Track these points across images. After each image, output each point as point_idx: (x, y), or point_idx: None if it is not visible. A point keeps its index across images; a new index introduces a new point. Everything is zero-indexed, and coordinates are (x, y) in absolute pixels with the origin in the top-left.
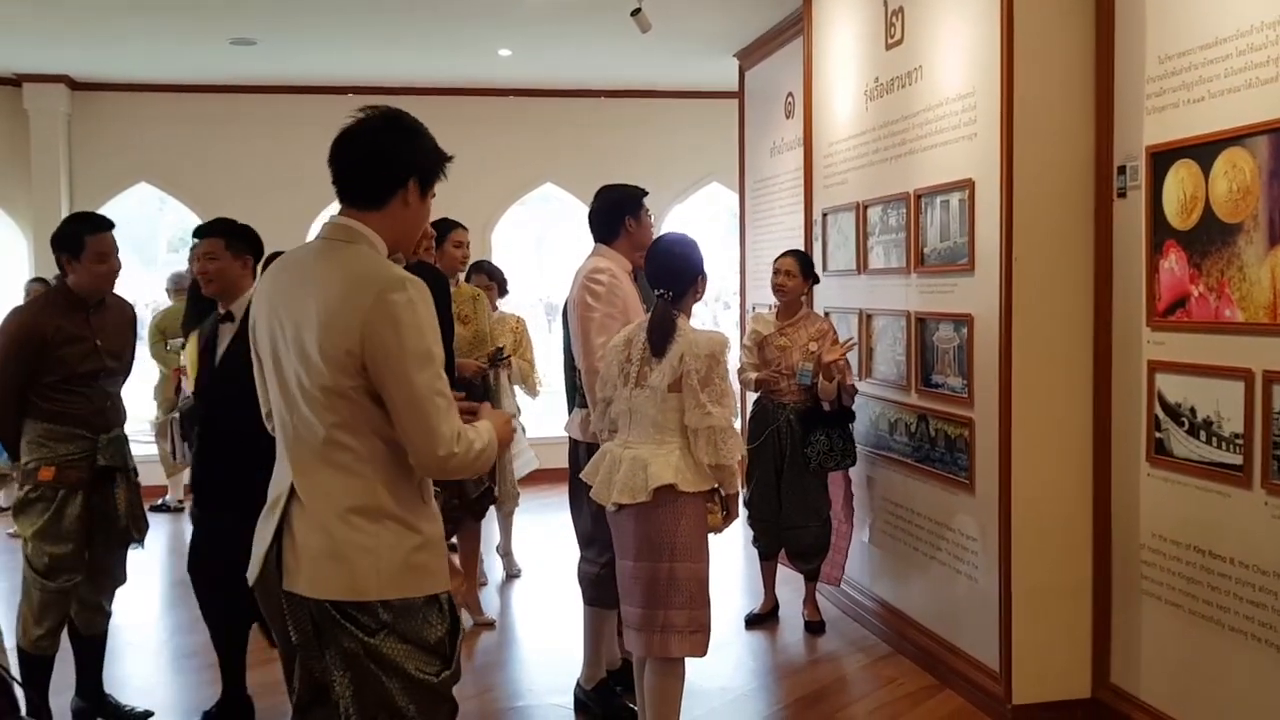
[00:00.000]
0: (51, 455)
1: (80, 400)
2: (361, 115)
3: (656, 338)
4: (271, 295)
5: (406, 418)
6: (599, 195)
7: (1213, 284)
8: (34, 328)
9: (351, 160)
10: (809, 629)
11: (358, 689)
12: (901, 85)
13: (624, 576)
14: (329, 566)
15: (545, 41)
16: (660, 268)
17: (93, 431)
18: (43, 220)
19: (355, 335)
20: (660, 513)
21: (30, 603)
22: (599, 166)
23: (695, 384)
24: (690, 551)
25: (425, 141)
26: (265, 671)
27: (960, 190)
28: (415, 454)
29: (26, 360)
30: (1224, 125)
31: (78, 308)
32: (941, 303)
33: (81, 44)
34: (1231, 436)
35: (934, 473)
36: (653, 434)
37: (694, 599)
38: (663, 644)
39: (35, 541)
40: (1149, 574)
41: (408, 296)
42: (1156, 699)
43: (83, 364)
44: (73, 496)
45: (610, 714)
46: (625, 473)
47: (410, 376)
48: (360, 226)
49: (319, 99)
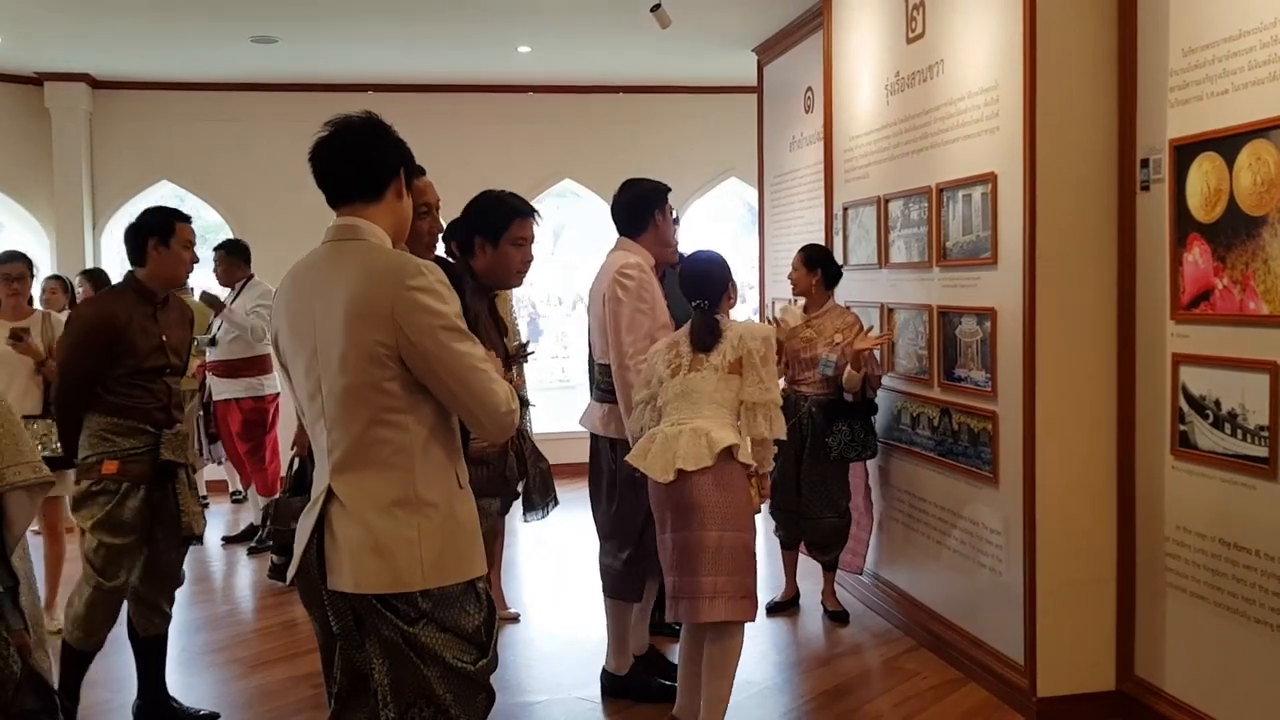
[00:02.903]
0: (115, 449)
1: (145, 395)
2: (333, 124)
3: (704, 340)
4: (290, 304)
5: (460, 391)
6: (625, 188)
7: (1237, 277)
8: (109, 317)
9: (341, 160)
10: (832, 618)
11: (396, 677)
12: (923, 79)
13: (675, 548)
14: (372, 560)
15: (564, 38)
16: (696, 282)
17: (155, 427)
18: (64, 219)
19: (387, 327)
20: (717, 480)
21: (82, 598)
22: (617, 162)
23: (757, 362)
24: (740, 521)
25: (397, 137)
26: (296, 665)
27: (983, 184)
28: (478, 422)
29: (100, 350)
30: (1248, 118)
31: (147, 301)
32: (964, 296)
33: (102, 43)
34: (1256, 429)
35: (957, 466)
36: (706, 409)
37: (742, 566)
38: (712, 609)
39: (94, 533)
40: (1173, 566)
41: (427, 280)
42: (1181, 691)
43: (150, 358)
44: (134, 491)
45: (646, 696)
46: (687, 442)
47: (452, 351)
48: (363, 222)
49: (340, 96)
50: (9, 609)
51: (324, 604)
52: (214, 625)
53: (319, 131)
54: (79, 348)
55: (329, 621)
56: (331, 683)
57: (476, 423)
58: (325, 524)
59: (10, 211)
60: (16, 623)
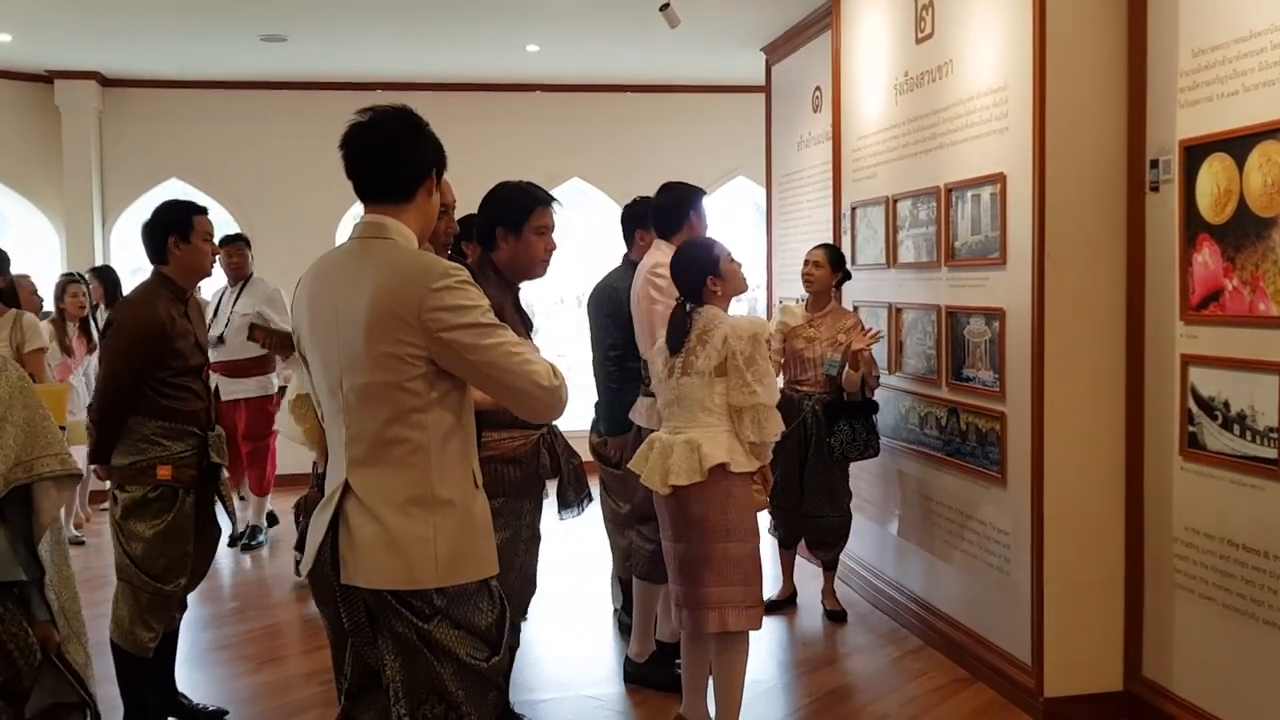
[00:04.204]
0: (166, 454)
1: (191, 396)
2: (369, 113)
3: (672, 341)
4: (313, 298)
5: (501, 377)
6: (664, 190)
7: (1247, 278)
8: (156, 319)
9: (376, 158)
10: (831, 618)
11: (409, 674)
12: (932, 79)
13: (678, 558)
14: (386, 557)
15: (573, 37)
16: (675, 276)
17: (201, 428)
18: (74, 216)
19: (413, 329)
20: (713, 493)
21: (138, 605)
22: (626, 161)
23: (740, 364)
24: (743, 531)
25: (432, 134)
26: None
27: (992, 184)
28: (524, 408)
29: (149, 353)
30: (1258, 119)
31: (180, 299)
32: (973, 297)
33: (112, 41)
34: (1266, 430)
35: (965, 466)
36: (700, 417)
37: (748, 575)
38: (720, 620)
39: (155, 543)
40: (1182, 567)
41: (452, 280)
42: (1189, 692)
43: (193, 356)
44: (187, 495)
45: (665, 684)
46: (679, 456)
47: (485, 346)
48: (392, 222)
49: (349, 95)
50: (35, 600)
51: (336, 602)
52: (221, 622)
53: (354, 118)
54: (131, 355)
55: (340, 617)
56: (342, 679)
57: (524, 407)
58: (341, 519)
59: (20, 209)
60: (42, 614)
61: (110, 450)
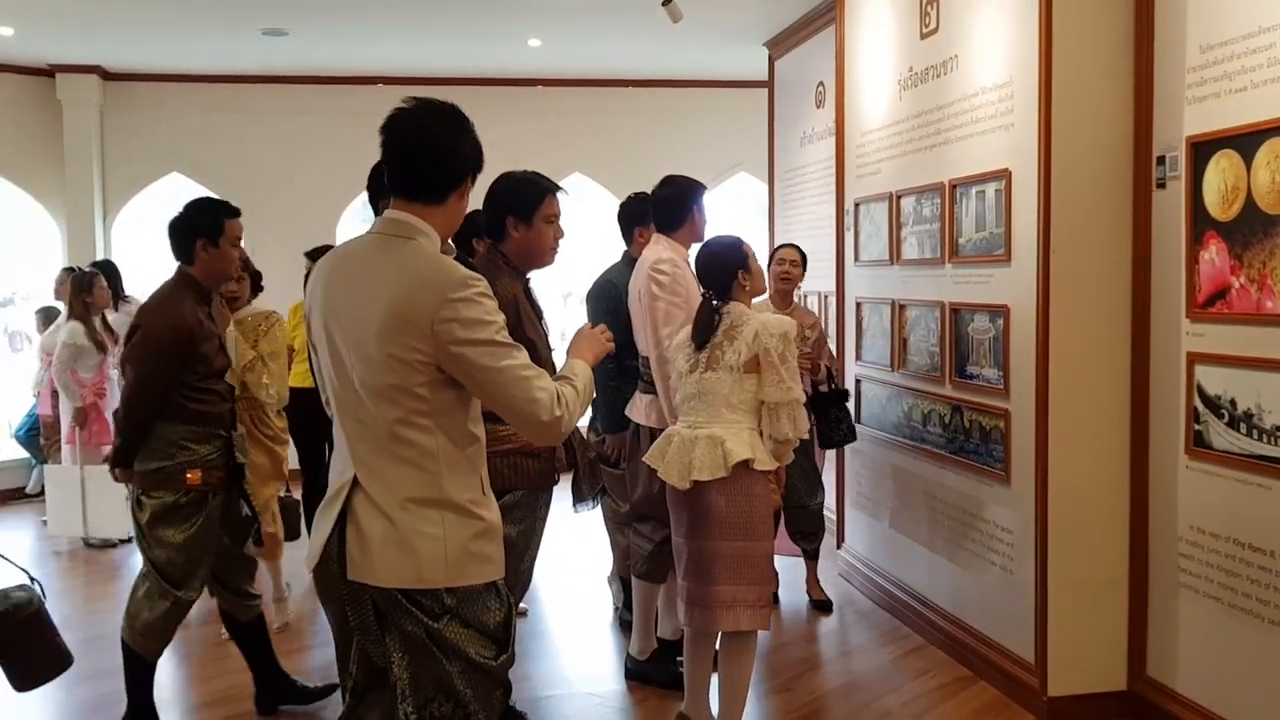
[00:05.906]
0: (195, 458)
1: (217, 399)
2: (416, 104)
3: (702, 334)
4: (328, 289)
5: (503, 403)
6: (666, 184)
7: (1254, 275)
8: (184, 323)
9: (415, 157)
10: (818, 607)
11: (416, 672)
12: (936, 75)
13: (690, 554)
14: (395, 555)
15: (575, 32)
16: (703, 271)
17: (225, 429)
18: (75, 210)
19: (425, 336)
20: (736, 489)
21: (156, 610)
22: (627, 157)
23: (775, 360)
24: (762, 530)
25: (474, 135)
26: (309, 657)
27: (996, 180)
28: (525, 431)
29: (177, 357)
30: (1267, 115)
31: (204, 300)
32: (977, 293)
33: (114, 34)
34: (1272, 429)
35: (968, 464)
36: (723, 413)
37: (763, 575)
38: (733, 618)
39: (183, 549)
40: (1186, 566)
41: (470, 292)
42: (1193, 692)
43: (217, 359)
44: (214, 499)
45: (667, 681)
46: (702, 451)
47: (493, 368)
48: (418, 221)
49: (350, 89)
50: None
51: (341, 600)
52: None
53: (402, 102)
54: (161, 359)
55: (346, 614)
56: (347, 676)
57: (522, 430)
58: (349, 515)
59: (21, 203)
60: None
61: (134, 455)
